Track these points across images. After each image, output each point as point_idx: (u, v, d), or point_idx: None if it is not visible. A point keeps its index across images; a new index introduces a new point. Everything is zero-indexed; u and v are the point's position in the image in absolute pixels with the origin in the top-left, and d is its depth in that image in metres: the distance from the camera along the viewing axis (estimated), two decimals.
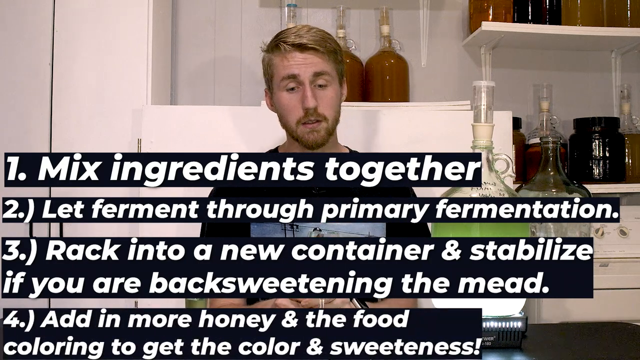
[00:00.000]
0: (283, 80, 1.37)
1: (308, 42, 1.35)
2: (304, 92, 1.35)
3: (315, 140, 1.38)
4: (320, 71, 1.36)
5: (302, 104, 1.36)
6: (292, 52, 1.36)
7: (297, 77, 1.36)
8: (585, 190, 1.92)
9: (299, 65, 1.35)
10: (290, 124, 1.39)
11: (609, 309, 1.67)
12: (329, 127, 1.39)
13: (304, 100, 1.35)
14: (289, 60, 1.36)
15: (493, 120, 1.14)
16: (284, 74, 1.37)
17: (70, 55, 1.84)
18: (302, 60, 1.36)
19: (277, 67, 1.39)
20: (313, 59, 1.36)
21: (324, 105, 1.37)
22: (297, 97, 1.37)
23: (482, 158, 1.12)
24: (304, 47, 1.35)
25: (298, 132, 1.38)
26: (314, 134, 1.38)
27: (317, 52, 1.36)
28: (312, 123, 1.37)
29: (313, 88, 1.36)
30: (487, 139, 1.13)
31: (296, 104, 1.37)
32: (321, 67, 1.36)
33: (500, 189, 1.11)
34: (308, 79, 1.35)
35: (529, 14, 2.18)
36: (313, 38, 1.36)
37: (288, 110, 1.38)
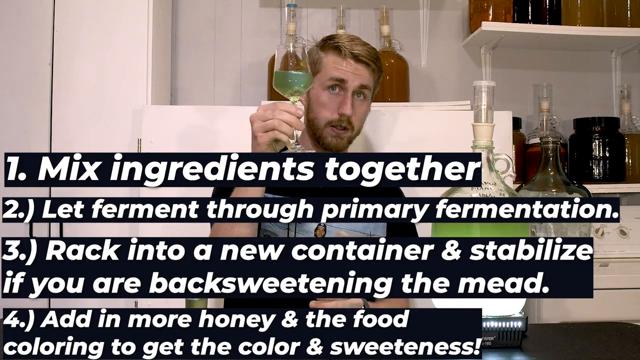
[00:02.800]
0: (330, 80, 1.43)
1: (366, 57, 1.43)
2: (345, 98, 1.42)
3: (337, 146, 1.44)
4: (365, 85, 1.44)
5: (339, 107, 1.42)
6: (348, 58, 1.42)
7: (345, 82, 1.42)
8: (585, 190, 1.92)
9: (350, 73, 1.42)
10: (319, 120, 1.44)
11: (609, 309, 1.67)
12: (351, 137, 1.46)
13: (343, 105, 1.41)
14: (342, 65, 1.42)
15: (493, 120, 1.14)
16: (334, 74, 1.42)
17: (70, 55, 1.84)
18: (354, 70, 1.42)
19: (328, 66, 1.44)
20: (363, 72, 1.43)
21: (357, 116, 1.44)
22: (337, 100, 1.43)
23: (482, 158, 1.12)
24: (359, 59, 1.43)
25: (324, 131, 1.44)
26: (337, 140, 1.44)
27: (368, 68, 1.44)
28: (340, 129, 1.43)
29: (354, 98, 1.43)
30: (487, 139, 1.13)
31: (334, 105, 1.42)
32: (366, 81, 1.44)
33: (500, 189, 1.11)
34: (353, 88, 1.42)
35: (529, 14, 2.18)
36: (369, 54, 1.44)
37: (324, 108, 1.43)
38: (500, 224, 1.07)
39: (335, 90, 1.42)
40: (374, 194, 1.48)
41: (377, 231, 1.46)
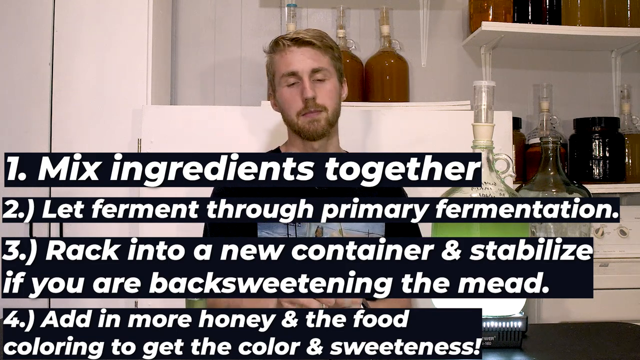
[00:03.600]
0: (283, 77, 1.42)
1: (305, 37, 1.41)
2: (303, 84, 1.40)
3: (316, 130, 1.41)
4: (318, 67, 1.41)
5: (301, 95, 1.40)
6: (291, 47, 1.41)
7: (296, 73, 1.40)
8: (585, 190, 1.92)
9: (297, 62, 1.40)
10: (291, 117, 1.43)
11: (609, 309, 1.67)
12: (328, 118, 1.43)
13: (303, 91, 1.40)
14: (288, 57, 1.41)
15: (493, 120, 1.14)
16: (284, 71, 1.41)
17: (70, 55, 1.84)
18: (300, 55, 1.41)
19: (277, 64, 1.43)
20: (310, 54, 1.41)
21: (322, 95, 1.41)
22: (297, 91, 1.41)
23: (482, 158, 1.12)
24: (301, 42, 1.41)
25: (299, 123, 1.42)
26: (314, 124, 1.41)
27: (314, 47, 1.41)
28: (312, 113, 1.40)
29: (312, 81, 1.41)
30: (487, 139, 1.13)
31: (296, 96, 1.41)
32: (318, 63, 1.41)
33: (500, 189, 1.11)
34: (307, 73, 1.40)
35: (529, 14, 2.18)
36: (310, 34, 1.42)
37: (289, 104, 1.42)
38: (500, 224, 1.07)
39: (293, 84, 1.41)
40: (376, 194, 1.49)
41: (376, 229, 1.46)
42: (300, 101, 1.40)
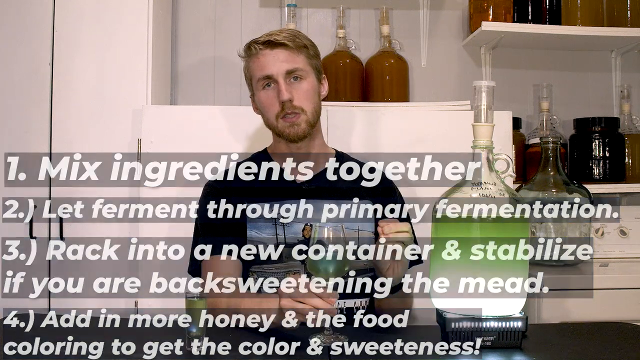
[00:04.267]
0: (259, 81, 1.42)
1: (277, 39, 1.40)
2: (279, 87, 1.39)
3: (297, 133, 1.41)
4: (292, 69, 1.40)
5: (278, 98, 1.39)
6: (263, 50, 1.41)
7: (271, 76, 1.40)
8: (585, 190, 1.92)
9: (271, 65, 1.40)
10: (271, 120, 1.42)
11: (609, 309, 1.67)
12: (309, 119, 1.42)
13: (279, 94, 1.39)
14: (261, 61, 1.41)
15: (493, 120, 1.14)
16: (259, 75, 1.41)
17: (70, 55, 1.84)
18: (274, 58, 1.40)
19: (253, 69, 1.44)
20: (284, 55, 1.40)
21: (299, 97, 1.40)
22: (273, 93, 1.41)
23: (482, 158, 1.12)
24: (273, 44, 1.40)
25: (279, 127, 1.41)
26: (294, 128, 1.41)
27: (287, 48, 1.40)
28: (291, 117, 1.40)
29: (287, 83, 1.40)
30: (487, 139, 1.13)
31: (273, 99, 1.41)
32: (293, 64, 1.40)
33: (500, 189, 1.11)
34: (282, 76, 1.39)
35: (529, 14, 2.18)
36: (282, 35, 1.41)
37: (267, 107, 1.42)
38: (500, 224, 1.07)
39: (270, 86, 1.41)
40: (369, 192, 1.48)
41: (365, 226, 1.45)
42: (277, 104, 1.40)
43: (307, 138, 1.43)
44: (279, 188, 1.43)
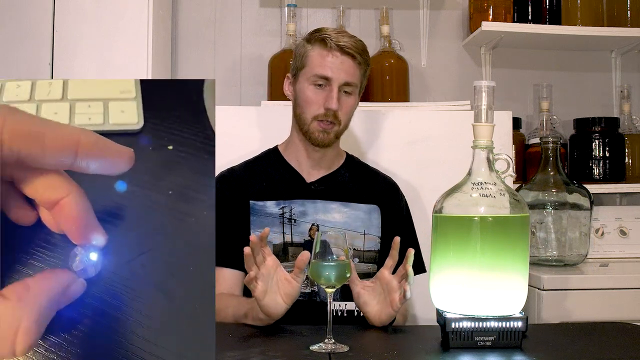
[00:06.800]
0: (314, 76, 1.41)
1: (352, 48, 1.41)
2: (331, 93, 1.40)
3: (323, 140, 1.43)
4: (350, 82, 1.41)
5: (325, 102, 1.40)
6: (334, 51, 1.40)
7: (330, 79, 1.40)
8: (585, 190, 1.92)
9: (334, 69, 1.40)
10: (306, 115, 1.43)
11: (609, 309, 1.67)
12: (338, 132, 1.44)
13: (328, 100, 1.39)
14: (327, 60, 1.40)
15: (493, 120, 1.14)
16: (318, 71, 1.41)
17: (70, 55, 1.84)
18: (339, 63, 1.40)
19: (313, 61, 1.42)
20: (348, 65, 1.41)
21: (343, 111, 1.42)
22: (322, 95, 1.41)
23: (482, 158, 1.12)
24: (345, 51, 1.40)
25: (311, 127, 1.42)
26: (324, 134, 1.42)
27: (354, 60, 1.41)
28: (327, 124, 1.41)
29: (340, 93, 1.41)
30: (487, 138, 1.13)
31: (320, 100, 1.41)
32: (352, 77, 1.42)
33: (500, 189, 1.11)
34: (338, 84, 1.40)
35: (529, 14, 2.18)
36: (355, 46, 1.42)
37: (309, 104, 1.42)
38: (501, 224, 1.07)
39: (321, 86, 1.41)
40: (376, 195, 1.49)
41: (372, 230, 1.46)
42: (322, 107, 1.40)
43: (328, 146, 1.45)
44: (288, 186, 1.44)
